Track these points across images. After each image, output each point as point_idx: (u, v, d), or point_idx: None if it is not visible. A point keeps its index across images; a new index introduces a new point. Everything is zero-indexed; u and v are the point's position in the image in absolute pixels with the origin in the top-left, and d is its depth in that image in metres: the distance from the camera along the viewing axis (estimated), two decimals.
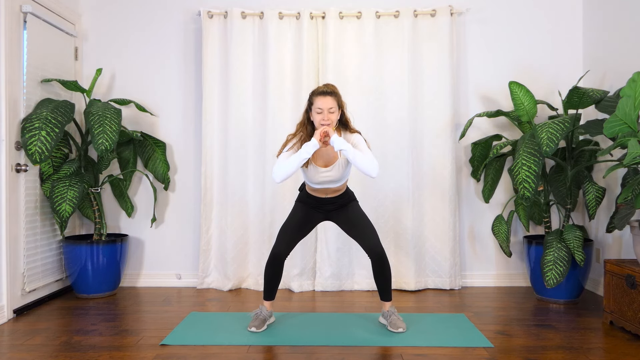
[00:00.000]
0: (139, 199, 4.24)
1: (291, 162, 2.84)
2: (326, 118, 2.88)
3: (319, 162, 2.98)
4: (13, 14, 3.37)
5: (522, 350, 2.74)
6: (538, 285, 3.73)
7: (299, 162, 2.84)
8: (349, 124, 3.02)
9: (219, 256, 4.11)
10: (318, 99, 2.91)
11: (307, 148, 2.84)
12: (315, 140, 2.85)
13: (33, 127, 3.33)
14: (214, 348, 2.76)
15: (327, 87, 2.96)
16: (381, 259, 2.99)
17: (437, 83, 4.05)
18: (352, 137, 2.97)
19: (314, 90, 2.99)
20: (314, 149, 2.84)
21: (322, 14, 4.06)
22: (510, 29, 4.19)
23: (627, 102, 2.83)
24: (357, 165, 2.82)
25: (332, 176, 2.98)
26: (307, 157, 2.84)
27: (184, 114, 4.24)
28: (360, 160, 2.81)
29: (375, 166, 2.83)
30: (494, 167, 4.06)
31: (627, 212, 2.99)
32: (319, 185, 3.02)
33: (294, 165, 2.84)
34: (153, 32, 4.24)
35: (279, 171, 2.86)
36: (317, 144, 2.85)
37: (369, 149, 2.93)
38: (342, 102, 2.98)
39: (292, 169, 2.85)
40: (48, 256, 3.73)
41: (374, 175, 2.84)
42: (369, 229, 3.05)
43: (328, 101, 2.89)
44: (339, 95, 2.97)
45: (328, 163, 2.98)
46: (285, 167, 2.85)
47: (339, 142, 2.82)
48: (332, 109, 2.90)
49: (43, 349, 2.75)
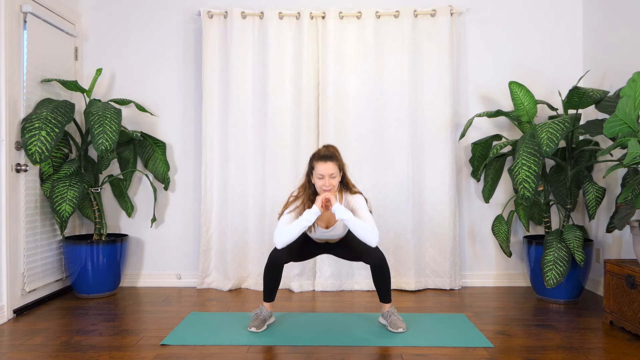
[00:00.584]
0: (139, 199, 4.24)
1: (292, 229, 2.92)
2: (327, 184, 2.94)
3: (320, 223, 3.07)
4: (13, 14, 3.37)
5: (522, 350, 2.74)
6: (538, 285, 3.73)
7: (300, 229, 2.92)
8: (350, 185, 3.09)
9: (219, 256, 4.11)
10: (319, 165, 2.96)
11: (308, 216, 2.91)
12: (316, 208, 2.92)
13: (33, 127, 3.33)
14: (214, 348, 2.76)
15: (328, 151, 3.01)
16: (382, 266, 3.01)
17: (437, 83, 4.05)
18: (353, 199, 3.04)
19: (315, 154, 3.04)
20: (315, 216, 2.92)
21: (322, 14, 4.06)
22: (510, 29, 4.19)
23: (627, 102, 2.83)
24: (357, 235, 2.92)
25: (334, 235, 3.10)
26: (308, 225, 2.92)
27: (184, 114, 4.24)
28: (361, 230, 2.90)
29: (375, 235, 2.91)
30: (494, 167, 4.06)
31: (627, 212, 2.99)
32: (320, 240, 3.16)
33: (295, 233, 2.92)
34: (153, 32, 4.24)
35: (280, 237, 2.94)
36: (319, 211, 2.92)
37: (369, 211, 3.01)
38: (342, 164, 3.05)
39: (294, 235, 2.93)
40: (48, 256, 3.73)
41: (373, 245, 2.94)
42: (365, 245, 3.05)
43: (329, 167, 2.94)
44: (340, 159, 3.03)
45: (329, 224, 3.08)
46: (286, 234, 2.93)
47: (340, 212, 2.89)
48: (333, 175, 2.95)
49: (43, 349, 2.75)
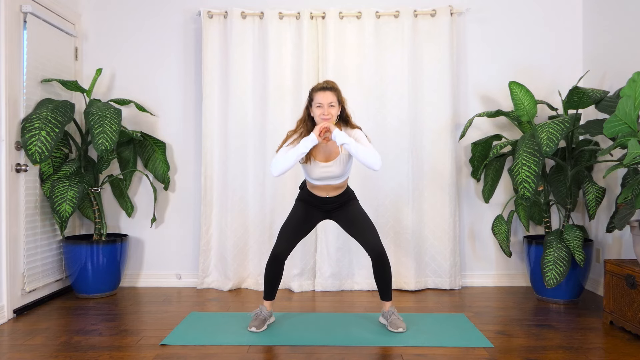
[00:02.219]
0: (139, 199, 4.24)
1: (289, 156, 2.85)
2: (326, 112, 2.89)
3: (319, 156, 2.98)
4: (13, 14, 3.37)
5: (522, 350, 2.74)
6: (538, 285, 3.73)
7: (297, 156, 2.84)
8: (350, 120, 3.03)
9: (219, 256, 4.11)
10: (318, 94, 2.92)
11: (306, 143, 2.84)
12: (313, 135, 2.85)
13: (33, 127, 3.33)
14: (214, 348, 2.76)
15: (327, 83, 2.98)
16: (381, 258, 2.98)
17: (437, 83, 4.05)
18: (353, 133, 2.98)
19: (314, 86, 3.01)
20: (312, 144, 2.85)
21: (322, 14, 4.06)
22: (511, 29, 4.19)
23: (627, 102, 2.83)
24: (360, 159, 2.82)
25: (333, 172, 2.97)
26: (305, 152, 2.85)
27: (184, 114, 4.24)
28: (363, 153, 2.81)
29: (378, 159, 2.83)
30: (494, 167, 4.05)
31: (627, 212, 2.99)
32: (320, 181, 3.01)
33: (291, 160, 2.84)
34: (153, 32, 4.24)
35: (276, 165, 2.87)
36: (316, 139, 2.85)
37: (370, 143, 2.93)
38: (342, 97, 2.99)
39: (290, 163, 2.85)
40: (48, 256, 3.73)
41: (377, 168, 2.84)
42: (370, 228, 3.04)
43: (328, 96, 2.91)
44: (339, 91, 2.99)
45: (329, 158, 2.98)
46: (283, 161, 2.86)
47: (341, 136, 2.82)
48: (332, 104, 2.91)
49: (43, 349, 2.75)
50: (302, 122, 3.03)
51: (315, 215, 3.12)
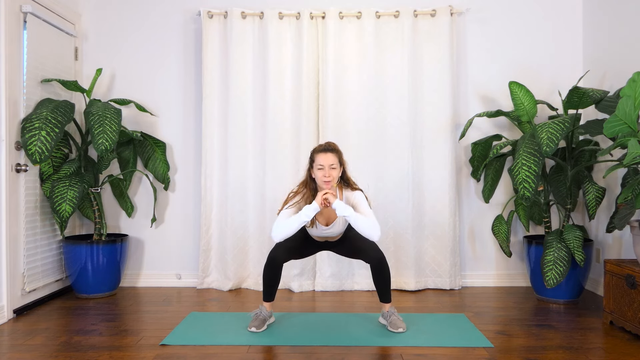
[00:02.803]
0: (139, 199, 4.24)
1: (291, 223, 2.91)
2: (327, 175, 2.94)
3: (320, 220, 3.06)
4: (13, 14, 3.37)
5: (522, 350, 2.74)
6: (538, 285, 3.73)
7: (299, 224, 2.91)
8: (351, 182, 3.09)
9: (219, 256, 4.11)
10: (319, 156, 2.98)
11: (308, 211, 2.90)
12: (316, 204, 2.91)
13: (33, 127, 3.33)
14: (214, 348, 2.76)
15: (329, 145, 3.04)
16: (381, 265, 3.01)
17: (437, 83, 4.05)
18: (354, 195, 3.03)
19: (315, 148, 3.07)
20: (314, 212, 2.91)
21: (322, 14, 4.06)
22: (511, 29, 4.19)
23: (627, 102, 2.83)
24: (359, 230, 2.90)
25: (333, 232, 3.09)
26: (307, 221, 2.91)
27: (184, 114, 4.24)
28: (362, 225, 2.88)
29: (377, 230, 2.90)
30: (494, 167, 4.05)
31: (627, 212, 2.99)
32: (319, 238, 3.15)
33: (293, 227, 2.91)
34: (153, 32, 4.24)
35: (278, 231, 2.92)
36: (319, 208, 2.91)
37: (369, 207, 3.00)
38: (343, 159, 3.05)
39: (292, 230, 2.92)
40: (48, 256, 3.73)
41: (376, 239, 2.93)
42: (367, 243, 3.07)
43: (329, 158, 2.96)
44: (340, 153, 3.05)
45: (329, 221, 3.07)
46: (285, 228, 2.92)
47: (341, 208, 2.88)
48: (333, 165, 2.96)
49: (43, 349, 2.75)
50: (304, 185, 3.09)
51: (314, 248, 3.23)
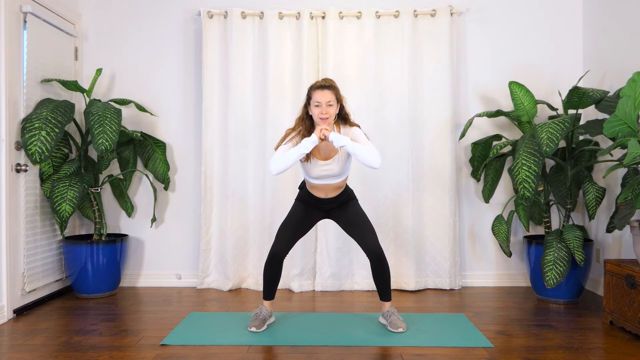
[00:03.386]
0: (139, 199, 4.24)
1: (289, 155, 2.84)
2: (325, 112, 2.88)
3: (318, 155, 2.97)
4: (13, 14, 3.37)
5: (522, 350, 2.74)
6: (538, 285, 3.73)
7: (297, 156, 2.83)
8: (349, 118, 3.03)
9: (219, 256, 4.11)
10: (316, 93, 2.91)
11: (307, 143, 2.83)
12: (315, 136, 2.84)
13: (33, 127, 3.33)
14: (214, 348, 2.76)
15: (326, 81, 2.96)
16: (380, 259, 2.99)
17: (437, 83, 4.05)
18: (352, 131, 2.97)
19: (313, 84, 2.99)
20: (313, 144, 2.84)
21: (322, 14, 4.06)
22: (511, 29, 4.19)
23: (627, 102, 2.83)
24: (359, 158, 2.82)
25: (332, 170, 2.97)
26: (306, 152, 2.84)
27: (184, 114, 4.24)
28: (361, 152, 2.81)
29: (377, 156, 2.82)
30: (494, 167, 4.05)
31: (627, 212, 2.99)
32: (319, 180, 3.00)
33: (291, 159, 2.83)
34: (153, 32, 4.24)
35: (276, 163, 2.85)
36: (317, 140, 2.84)
37: (369, 141, 2.93)
38: (340, 95, 2.98)
39: (290, 162, 2.84)
40: (48, 256, 3.73)
41: (377, 166, 2.84)
42: (368, 229, 3.04)
43: (326, 94, 2.89)
44: (338, 89, 2.97)
45: (327, 157, 2.97)
46: (283, 159, 2.84)
47: (338, 139, 2.81)
48: (330, 102, 2.90)
49: (43, 349, 2.75)
50: (301, 121, 3.03)
51: (314, 215, 3.12)
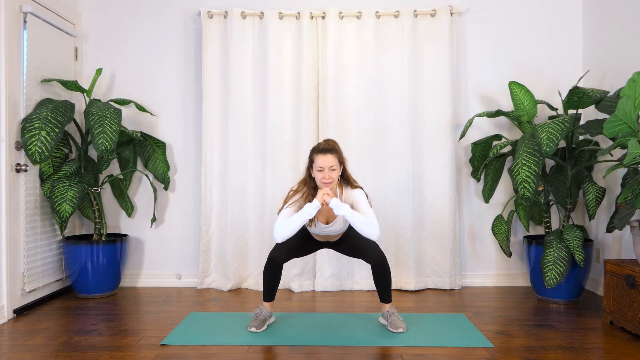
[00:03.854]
0: (139, 199, 4.24)
1: (293, 222, 2.89)
2: (327, 176, 2.92)
3: (320, 219, 3.05)
4: (13, 14, 3.37)
5: (522, 350, 2.74)
6: (538, 285, 3.73)
7: (301, 222, 2.90)
8: (351, 179, 3.08)
9: (219, 256, 4.11)
10: (319, 157, 2.95)
11: (309, 209, 2.89)
12: (317, 202, 2.89)
13: (33, 127, 3.33)
14: (214, 348, 2.76)
15: (328, 144, 3.00)
16: (382, 266, 3.00)
17: (437, 83, 4.05)
18: (353, 194, 3.02)
19: (315, 147, 3.03)
20: (315, 210, 2.89)
21: (322, 14, 4.06)
22: (511, 29, 4.19)
23: (627, 102, 2.83)
24: (357, 228, 2.89)
25: (334, 230, 3.07)
26: (309, 218, 2.90)
27: (184, 114, 4.24)
28: (360, 223, 2.86)
29: (376, 229, 2.87)
30: (494, 167, 4.05)
31: (627, 212, 2.99)
32: (321, 235, 3.13)
33: (295, 226, 2.89)
34: (153, 32, 4.24)
35: (280, 231, 2.90)
36: (320, 206, 2.90)
37: (370, 205, 2.98)
38: (342, 158, 3.04)
39: (294, 229, 2.90)
40: (48, 256, 3.73)
41: (375, 238, 2.90)
42: (368, 243, 3.07)
43: (329, 159, 2.93)
44: (340, 152, 3.02)
45: (329, 220, 3.05)
46: (287, 227, 2.90)
47: (338, 207, 2.87)
48: (333, 167, 2.94)
49: (43, 349, 2.75)
50: (304, 183, 3.07)
51: (314, 247, 3.22)
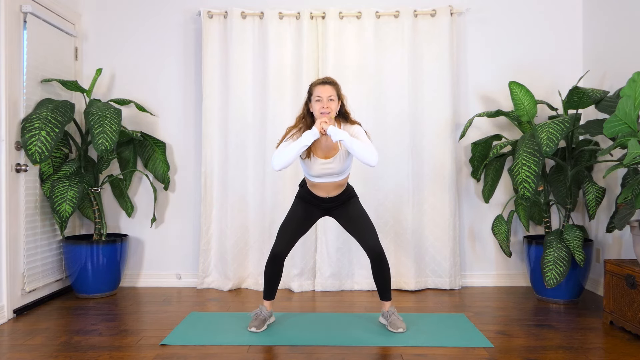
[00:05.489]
0: (139, 199, 4.24)
1: (291, 149, 2.84)
2: (326, 106, 2.89)
3: (319, 153, 2.97)
4: (13, 14, 3.37)
5: (522, 350, 2.74)
6: (538, 285, 3.73)
7: (299, 149, 2.84)
8: (349, 116, 3.04)
9: (219, 256, 4.11)
10: (317, 88, 2.94)
11: (307, 136, 2.84)
12: (315, 129, 2.85)
13: (33, 127, 3.33)
14: (214, 348, 2.76)
15: (327, 78, 3.01)
16: (380, 258, 2.99)
17: (437, 83, 4.06)
18: (352, 128, 2.97)
19: (314, 81, 3.03)
20: (314, 137, 2.84)
21: (322, 14, 4.06)
22: (511, 29, 4.19)
23: (627, 102, 2.83)
24: (356, 154, 2.82)
25: (333, 168, 2.96)
26: (307, 145, 2.84)
27: (184, 114, 4.24)
28: (358, 148, 2.80)
29: (374, 154, 2.82)
30: (494, 167, 4.05)
31: (627, 212, 2.99)
32: (320, 178, 3.00)
33: (293, 153, 2.83)
34: (153, 32, 4.24)
35: (278, 158, 2.85)
36: (318, 133, 2.85)
37: (369, 139, 2.93)
38: (341, 93, 3.00)
39: (292, 156, 2.84)
40: (48, 256, 3.73)
41: (374, 164, 2.83)
42: (369, 228, 3.04)
43: (327, 89, 2.92)
44: (339, 86, 3.00)
45: (328, 155, 2.97)
46: (285, 154, 2.84)
47: (336, 133, 2.81)
48: (331, 97, 2.91)
49: (43, 349, 2.75)
50: (302, 118, 3.04)
51: (314, 213, 3.12)
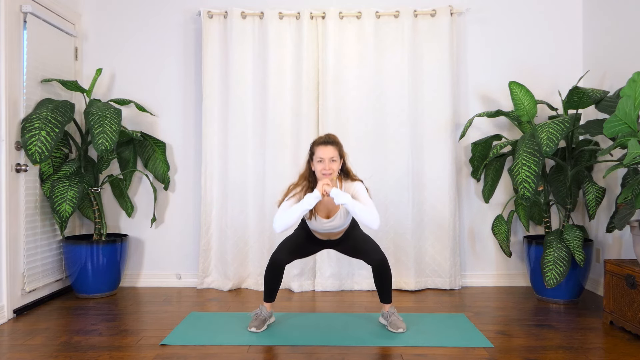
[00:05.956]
0: (139, 199, 4.24)
1: (293, 212, 2.87)
2: (327, 167, 2.92)
3: (320, 213, 3.03)
4: (13, 14, 3.37)
5: (522, 350, 2.74)
6: (538, 285, 3.73)
7: (300, 213, 2.88)
8: (351, 173, 3.07)
9: (219, 256, 4.11)
10: (319, 149, 2.95)
11: (309, 199, 2.87)
12: (317, 192, 2.88)
13: (33, 127, 3.33)
14: (214, 348, 2.76)
15: (329, 137, 3.01)
16: (383, 266, 3.00)
17: (437, 83, 4.05)
18: (353, 186, 3.00)
19: (315, 140, 3.04)
20: (315, 200, 2.88)
21: (322, 14, 4.06)
22: (511, 29, 4.19)
23: (627, 102, 2.83)
24: (357, 218, 2.87)
25: (334, 225, 3.04)
26: (309, 209, 2.88)
27: (184, 114, 4.24)
28: (360, 212, 2.85)
29: (376, 218, 2.85)
30: (494, 167, 4.05)
31: (627, 212, 2.99)
32: (322, 234, 3.11)
33: (295, 216, 2.87)
34: (153, 32, 4.24)
35: (280, 221, 2.89)
36: (320, 196, 2.88)
37: (369, 197, 2.97)
38: (343, 151, 3.03)
39: (294, 219, 2.88)
40: (48, 256, 3.73)
41: (375, 227, 2.87)
42: (369, 244, 3.07)
43: (329, 151, 2.93)
44: (340, 145, 3.02)
45: (330, 214, 3.03)
46: (287, 217, 2.88)
47: (338, 196, 2.85)
48: (333, 158, 2.93)
49: (43, 349, 2.75)
50: (304, 177, 3.06)
51: (316, 247, 3.20)
